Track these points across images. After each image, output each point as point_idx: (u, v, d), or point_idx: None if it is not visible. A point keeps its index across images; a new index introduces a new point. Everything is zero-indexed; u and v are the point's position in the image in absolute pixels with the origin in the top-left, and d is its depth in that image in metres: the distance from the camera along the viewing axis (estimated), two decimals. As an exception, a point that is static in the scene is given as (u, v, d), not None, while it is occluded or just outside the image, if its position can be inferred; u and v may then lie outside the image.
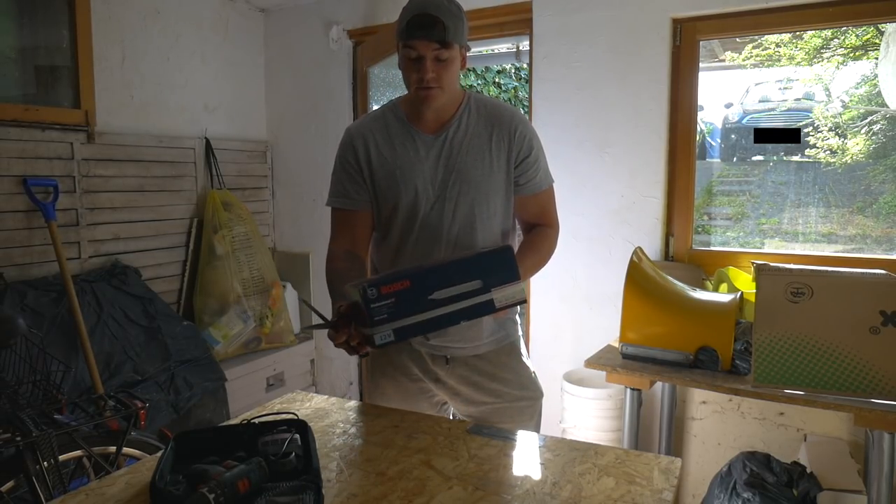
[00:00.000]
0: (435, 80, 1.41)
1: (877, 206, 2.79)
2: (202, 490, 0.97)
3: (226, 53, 3.36)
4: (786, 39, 3.15)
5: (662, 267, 2.27)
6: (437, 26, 1.36)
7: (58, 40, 2.69)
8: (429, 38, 1.37)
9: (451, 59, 1.41)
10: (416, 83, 1.42)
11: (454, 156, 1.50)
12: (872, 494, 1.75)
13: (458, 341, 1.55)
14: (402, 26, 1.40)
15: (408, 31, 1.38)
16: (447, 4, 1.40)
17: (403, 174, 1.51)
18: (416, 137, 1.51)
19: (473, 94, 1.58)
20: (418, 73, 1.40)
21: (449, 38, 1.37)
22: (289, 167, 3.60)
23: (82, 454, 1.76)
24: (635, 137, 2.57)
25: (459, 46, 1.43)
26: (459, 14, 1.42)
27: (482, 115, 1.53)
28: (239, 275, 3.17)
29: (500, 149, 1.52)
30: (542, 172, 1.58)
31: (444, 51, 1.39)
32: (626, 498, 1.06)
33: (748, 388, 1.73)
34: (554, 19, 2.69)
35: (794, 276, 1.71)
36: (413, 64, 1.41)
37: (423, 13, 1.37)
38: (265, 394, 3.18)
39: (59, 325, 2.42)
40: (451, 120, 1.51)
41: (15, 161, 2.48)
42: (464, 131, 1.51)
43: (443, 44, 1.37)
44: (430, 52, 1.38)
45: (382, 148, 1.53)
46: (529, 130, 1.56)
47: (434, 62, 1.39)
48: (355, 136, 1.55)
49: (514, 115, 1.56)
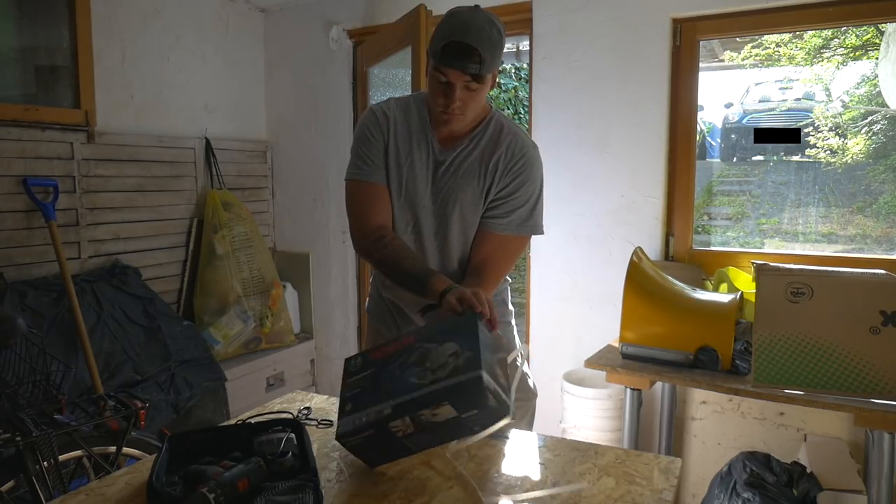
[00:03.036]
0: (460, 108, 1.36)
1: (877, 206, 2.79)
2: (202, 490, 0.96)
3: (226, 53, 3.36)
4: (786, 39, 3.16)
5: (662, 267, 2.27)
6: (473, 58, 1.28)
7: (58, 40, 2.69)
8: (463, 70, 1.30)
9: (482, 87, 1.35)
10: (441, 108, 1.36)
11: (452, 174, 1.46)
12: (872, 494, 1.75)
13: None
14: (438, 47, 1.31)
15: (442, 55, 1.30)
16: (489, 30, 1.30)
17: (411, 175, 1.48)
18: (431, 145, 1.47)
19: (498, 115, 1.50)
20: (445, 98, 1.35)
21: (483, 71, 1.30)
22: (289, 167, 3.60)
23: (82, 454, 1.76)
24: (635, 137, 2.57)
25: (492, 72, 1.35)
26: (499, 41, 1.33)
27: (492, 140, 1.46)
28: (239, 275, 3.17)
29: (487, 176, 1.45)
30: (518, 218, 1.46)
31: (475, 83, 1.32)
32: (626, 498, 1.06)
33: (748, 388, 1.73)
34: (554, 19, 2.69)
35: (794, 276, 1.71)
36: (441, 87, 1.34)
37: (461, 41, 1.28)
38: (265, 394, 3.18)
39: (59, 325, 2.42)
40: (465, 137, 1.46)
41: (15, 161, 2.48)
42: (470, 152, 1.46)
43: (476, 77, 1.31)
44: (462, 82, 1.32)
45: (400, 141, 1.48)
46: (530, 174, 1.45)
47: (463, 90, 1.33)
48: (380, 114, 1.49)
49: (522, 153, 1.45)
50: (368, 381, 1.17)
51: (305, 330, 3.60)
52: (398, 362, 1.16)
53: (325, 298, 3.54)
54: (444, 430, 1.09)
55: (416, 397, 1.07)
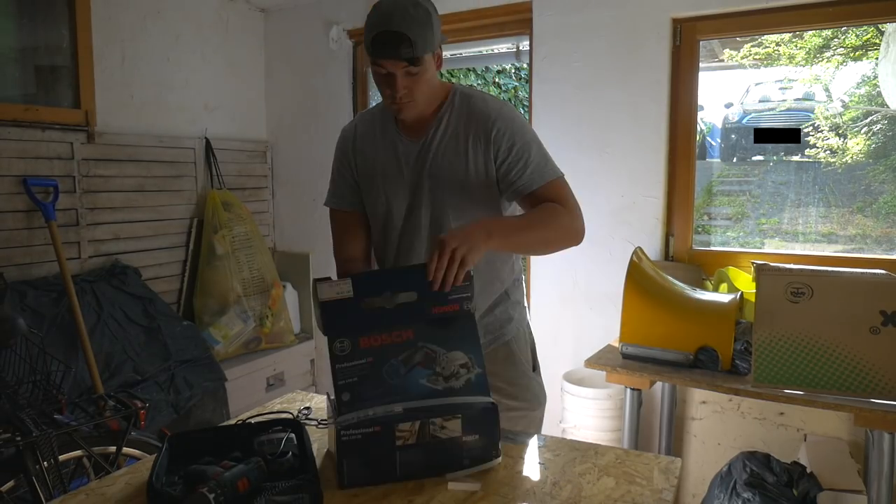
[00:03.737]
0: (408, 95, 1.34)
1: (877, 205, 2.79)
2: (202, 490, 0.96)
3: (226, 53, 3.36)
4: (786, 39, 3.15)
5: (662, 267, 2.27)
6: (403, 43, 1.26)
7: (58, 40, 2.69)
8: (397, 58, 1.28)
9: (423, 69, 1.32)
10: (390, 98, 1.35)
11: (431, 160, 1.43)
12: (872, 494, 1.75)
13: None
14: (367, 42, 1.31)
15: (373, 48, 1.30)
16: (413, 11, 1.28)
17: (385, 180, 1.47)
18: (399, 143, 1.46)
19: (459, 88, 1.47)
20: (390, 88, 1.33)
21: (417, 53, 1.28)
22: (289, 167, 3.60)
23: (82, 454, 1.76)
24: (635, 137, 2.57)
25: (432, 52, 1.33)
26: (427, 20, 1.29)
27: (463, 113, 1.43)
28: (239, 275, 3.17)
29: (476, 151, 1.41)
30: (535, 167, 1.41)
31: (413, 67, 1.30)
32: (626, 498, 1.06)
33: (748, 387, 1.73)
34: (554, 19, 2.69)
35: (794, 276, 1.71)
36: (383, 79, 1.33)
37: (387, 30, 1.27)
38: (265, 394, 3.18)
39: (59, 325, 2.42)
40: (431, 121, 1.44)
41: (15, 161, 2.48)
42: (443, 132, 1.43)
43: (411, 61, 1.29)
44: (400, 69, 1.30)
45: (369, 151, 1.49)
46: (511, 126, 1.41)
47: (405, 77, 1.31)
48: (350, 137, 1.53)
49: (494, 111, 1.42)
50: (367, 371, 1.13)
51: (305, 330, 3.60)
52: (401, 358, 1.15)
53: (325, 298, 3.53)
54: (439, 453, 1.09)
55: (434, 404, 1.10)
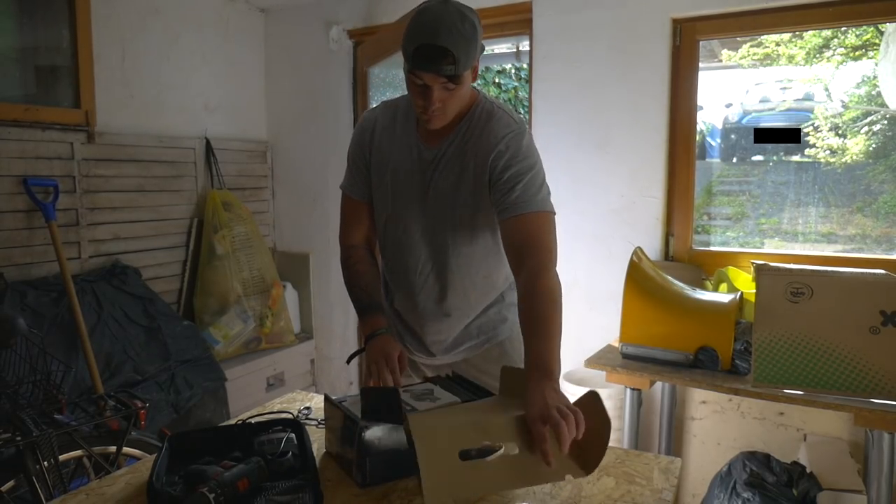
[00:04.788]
0: (440, 109, 1.31)
1: (876, 205, 2.78)
2: (202, 490, 0.96)
3: (226, 53, 3.36)
4: (786, 39, 3.15)
5: (662, 267, 2.27)
6: (446, 59, 1.22)
7: (58, 40, 2.68)
8: (438, 73, 1.24)
9: (460, 86, 1.29)
10: (421, 109, 1.32)
11: (440, 171, 1.41)
12: (872, 494, 1.75)
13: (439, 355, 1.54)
14: (409, 52, 1.25)
15: (414, 59, 1.24)
16: (460, 26, 1.23)
17: (395, 179, 1.46)
18: (416, 147, 1.44)
19: (485, 101, 1.43)
20: (423, 100, 1.30)
21: (459, 71, 1.24)
22: (289, 167, 3.60)
23: (82, 454, 1.76)
24: (635, 137, 2.57)
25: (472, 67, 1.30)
26: (473, 35, 1.25)
27: (478, 128, 1.40)
28: (239, 275, 3.17)
29: (479, 167, 1.38)
30: (522, 194, 1.33)
31: (452, 83, 1.27)
32: (626, 498, 1.06)
33: (748, 387, 1.73)
34: (554, 19, 2.69)
35: (794, 276, 1.71)
36: (418, 90, 1.29)
37: (432, 44, 1.21)
38: (265, 394, 3.18)
39: (59, 325, 2.42)
40: (450, 132, 1.41)
41: (15, 161, 2.48)
42: (459, 145, 1.40)
43: (452, 79, 1.25)
44: (438, 84, 1.26)
45: (385, 144, 1.47)
46: (514, 151, 1.35)
47: (441, 91, 1.28)
48: (365, 128, 1.50)
49: (504, 136, 1.37)
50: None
51: (305, 330, 3.60)
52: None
53: (325, 298, 3.54)
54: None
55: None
